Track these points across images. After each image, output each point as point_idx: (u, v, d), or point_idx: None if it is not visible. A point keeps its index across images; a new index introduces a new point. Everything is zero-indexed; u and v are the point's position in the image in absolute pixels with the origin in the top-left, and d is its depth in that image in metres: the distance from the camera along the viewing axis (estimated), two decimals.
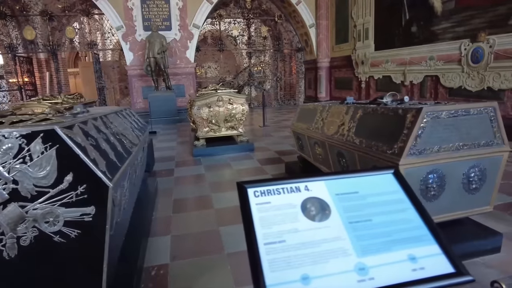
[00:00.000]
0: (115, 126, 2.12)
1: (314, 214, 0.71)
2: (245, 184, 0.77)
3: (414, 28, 6.69)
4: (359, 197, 0.75)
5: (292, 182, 0.76)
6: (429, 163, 1.78)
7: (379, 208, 0.73)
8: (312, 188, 0.75)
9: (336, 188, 0.75)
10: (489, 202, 1.99)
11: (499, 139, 1.90)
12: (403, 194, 0.78)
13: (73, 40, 10.10)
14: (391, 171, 0.82)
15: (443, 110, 1.76)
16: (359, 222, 0.69)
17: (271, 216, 0.70)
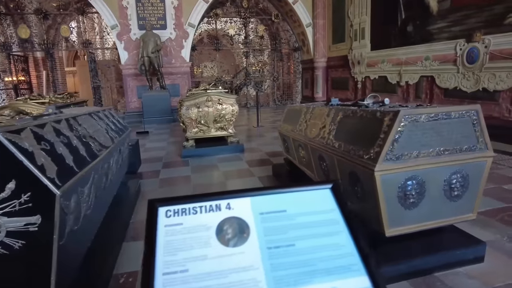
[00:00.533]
0: (84, 128, 2.04)
1: (230, 237, 0.62)
2: (157, 202, 0.68)
3: (410, 28, 6.59)
4: (286, 216, 0.66)
5: (213, 199, 0.68)
6: (408, 169, 1.69)
7: (307, 230, 0.64)
8: (235, 206, 0.67)
9: (262, 206, 0.67)
10: (472, 209, 1.90)
11: (482, 144, 1.81)
12: (338, 213, 0.69)
13: (67, 39, 10.00)
14: (329, 186, 0.73)
15: (422, 114, 1.67)
16: (280, 248, 0.61)
17: (179, 241, 0.61)
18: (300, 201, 0.69)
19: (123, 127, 3.03)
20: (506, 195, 2.93)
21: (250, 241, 0.61)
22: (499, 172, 3.56)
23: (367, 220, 1.90)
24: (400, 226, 1.77)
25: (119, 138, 2.64)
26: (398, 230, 1.77)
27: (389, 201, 1.70)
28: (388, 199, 1.70)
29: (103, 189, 2.11)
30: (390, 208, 1.72)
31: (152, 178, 3.90)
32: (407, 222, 1.78)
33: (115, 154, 2.46)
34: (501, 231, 2.28)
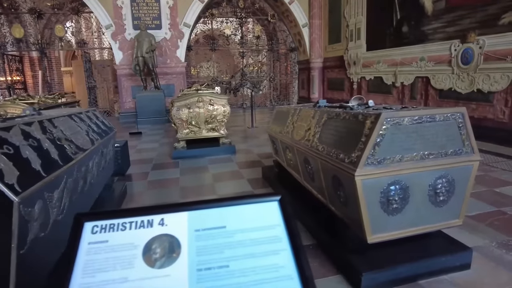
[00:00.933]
0: (60, 131, 1.97)
1: (157, 257, 0.57)
2: (83, 217, 0.62)
3: (405, 28, 6.54)
4: (224, 233, 0.60)
5: (145, 214, 0.62)
6: (390, 174, 1.63)
7: (245, 249, 0.59)
8: (170, 222, 0.61)
9: (200, 222, 0.61)
10: (458, 215, 1.84)
11: (469, 148, 1.76)
12: (282, 230, 0.63)
13: (62, 39, 9.94)
14: (277, 199, 0.67)
15: (405, 116, 1.61)
16: (211, 269, 0.55)
17: (101, 260, 0.55)
18: (243, 215, 0.63)
19: (107, 128, 2.96)
20: (498, 198, 2.87)
21: (179, 262, 0.55)
22: (492, 175, 3.51)
23: (350, 226, 1.85)
24: (383, 233, 1.71)
25: (101, 140, 2.57)
26: (381, 237, 1.71)
27: (371, 207, 1.65)
28: (370, 205, 1.64)
29: (81, 193, 2.05)
30: (372, 214, 1.66)
31: (140, 180, 3.84)
32: (390, 229, 1.72)
33: (96, 156, 2.40)
34: (490, 236, 2.22)
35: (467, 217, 2.51)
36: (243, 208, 0.64)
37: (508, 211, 2.61)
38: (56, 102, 5.41)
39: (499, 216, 2.53)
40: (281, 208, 0.65)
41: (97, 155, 2.44)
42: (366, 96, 8.14)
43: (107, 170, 2.89)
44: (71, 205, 1.84)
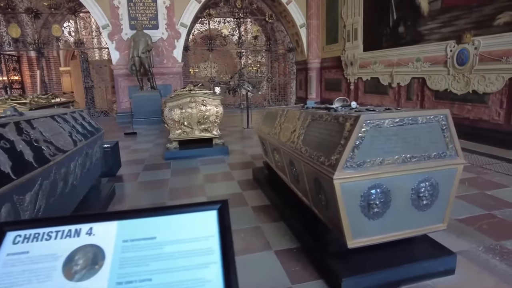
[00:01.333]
0: (39, 132, 1.94)
1: (78, 269, 0.53)
2: (6, 226, 0.59)
3: (401, 29, 6.50)
4: (153, 245, 0.57)
5: (74, 223, 0.59)
6: (371, 177, 1.60)
7: (172, 261, 0.55)
8: (98, 231, 0.58)
9: (130, 232, 0.58)
10: (442, 219, 1.80)
11: (452, 150, 1.72)
12: (216, 241, 0.60)
13: (59, 39, 9.92)
14: (216, 207, 0.64)
15: (385, 119, 1.58)
16: (132, 283, 0.52)
17: (17, 273, 0.52)
18: (177, 225, 0.60)
19: (93, 129, 2.93)
20: (488, 201, 2.83)
21: (100, 275, 0.52)
22: (485, 177, 3.47)
23: (332, 229, 1.81)
24: (363, 237, 1.68)
25: (85, 141, 2.54)
26: (362, 241, 1.68)
27: (351, 211, 1.61)
28: (350, 209, 1.61)
29: (61, 195, 2.02)
30: (352, 218, 1.62)
31: (131, 181, 3.81)
32: (372, 233, 1.68)
33: (79, 157, 2.36)
34: (478, 240, 2.18)
35: (456, 221, 2.48)
36: (178, 218, 0.60)
37: (498, 215, 2.57)
38: (49, 102, 5.39)
39: (488, 220, 2.49)
40: (219, 217, 0.61)
41: (81, 156, 2.41)
42: (362, 97, 8.11)
43: (93, 171, 2.86)
44: (48, 208, 1.81)
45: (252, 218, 2.67)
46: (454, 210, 2.62)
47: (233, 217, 2.19)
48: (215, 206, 0.63)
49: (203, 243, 0.58)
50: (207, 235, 0.59)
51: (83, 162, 2.51)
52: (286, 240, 2.29)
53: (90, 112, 10.51)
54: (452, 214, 2.55)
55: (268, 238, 2.33)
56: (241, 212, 2.80)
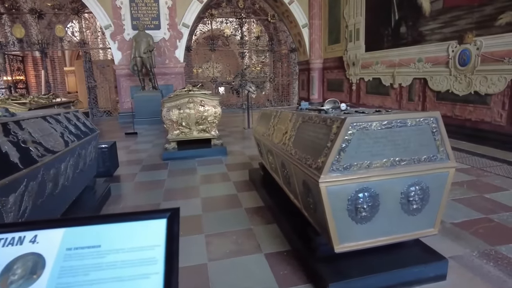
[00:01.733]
0: (27, 133, 1.94)
1: (15, 279, 0.52)
2: None
3: (403, 29, 6.44)
4: (96, 254, 0.55)
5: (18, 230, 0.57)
6: (358, 181, 1.57)
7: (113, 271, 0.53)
8: (42, 239, 0.56)
9: (74, 240, 0.56)
10: (433, 224, 1.76)
11: (443, 154, 1.68)
12: (161, 251, 0.58)
13: (62, 39, 9.99)
14: (166, 216, 0.61)
15: (372, 121, 1.55)
16: None
17: None
18: (124, 234, 0.58)
19: (88, 130, 2.93)
20: (486, 205, 2.78)
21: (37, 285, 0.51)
22: (484, 180, 3.41)
23: (320, 233, 1.78)
24: (351, 242, 1.65)
25: (78, 141, 2.54)
26: (349, 246, 1.65)
27: (338, 215, 1.58)
28: (337, 213, 1.58)
29: (50, 196, 2.02)
30: (340, 222, 1.59)
31: (127, 181, 3.81)
32: (360, 238, 1.65)
33: (70, 158, 2.36)
34: (472, 245, 2.14)
35: (452, 224, 2.43)
36: (127, 226, 0.59)
37: (495, 219, 2.52)
38: (49, 102, 5.42)
39: (485, 224, 2.44)
40: (168, 226, 0.59)
41: (73, 157, 2.41)
42: (364, 98, 8.05)
43: (87, 172, 2.86)
44: (35, 209, 1.81)
45: (245, 220, 2.65)
46: (450, 214, 2.58)
47: (225, 219, 2.18)
48: (165, 215, 0.61)
49: (147, 252, 0.56)
50: (153, 245, 0.57)
51: (76, 162, 2.50)
52: (277, 243, 2.26)
53: (93, 112, 10.57)
54: (448, 217, 2.52)
55: (259, 240, 2.31)
56: (234, 213, 2.79)
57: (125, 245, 0.56)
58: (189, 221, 2.68)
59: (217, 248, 2.22)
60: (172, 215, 0.61)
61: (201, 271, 1.96)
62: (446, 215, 2.54)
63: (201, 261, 2.07)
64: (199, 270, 1.98)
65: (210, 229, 2.51)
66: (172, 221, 0.60)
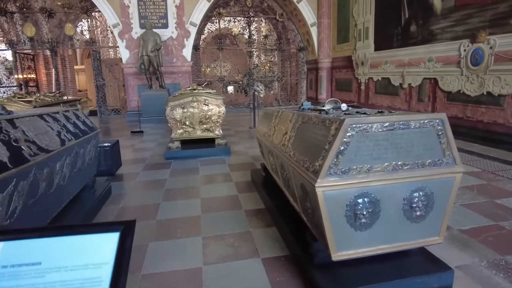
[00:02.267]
0: (20, 131, 1.91)
1: None
2: None
3: (413, 28, 6.27)
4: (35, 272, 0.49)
5: None
6: (357, 186, 1.48)
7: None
8: None
9: (13, 256, 0.50)
10: (438, 232, 1.67)
11: (450, 158, 1.58)
12: (108, 270, 0.51)
13: (72, 37, 10.08)
14: (119, 230, 0.55)
15: (373, 123, 1.46)
16: None
17: None
18: (70, 249, 0.52)
19: (88, 128, 2.90)
20: (497, 211, 2.65)
21: None
22: (495, 184, 3.27)
23: (318, 239, 1.70)
24: (349, 250, 1.56)
25: (76, 140, 2.51)
26: (347, 254, 1.56)
27: (336, 221, 1.50)
28: (334, 219, 1.50)
29: (43, 196, 1.98)
30: (337, 229, 1.51)
31: (128, 180, 3.78)
32: (359, 245, 1.57)
33: (67, 157, 2.33)
34: (481, 254, 2.02)
35: (459, 231, 2.32)
36: (73, 240, 0.52)
37: (506, 226, 2.39)
38: (55, 101, 5.44)
39: (495, 231, 2.32)
40: (120, 241, 0.53)
41: (69, 155, 2.38)
42: (373, 98, 7.90)
43: (86, 171, 2.83)
44: (26, 209, 1.77)
45: (244, 223, 2.58)
46: (458, 220, 2.47)
47: (224, 221, 2.11)
48: (118, 228, 0.55)
49: (92, 271, 0.50)
50: (100, 262, 0.51)
51: (73, 161, 2.47)
52: (275, 247, 2.19)
53: (101, 110, 10.65)
54: (456, 223, 2.41)
55: (257, 244, 2.24)
56: (234, 215, 2.72)
57: (69, 262, 0.50)
58: (187, 222, 2.62)
59: (213, 251, 2.16)
60: (126, 229, 0.54)
61: (195, 275, 1.90)
62: (453, 221, 2.43)
63: (196, 264, 2.02)
64: (193, 274, 1.92)
65: (208, 231, 2.45)
66: (125, 236, 0.54)
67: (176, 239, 2.35)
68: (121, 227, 0.55)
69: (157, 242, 2.32)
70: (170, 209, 2.91)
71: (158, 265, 2.02)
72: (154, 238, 2.38)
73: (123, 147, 5.44)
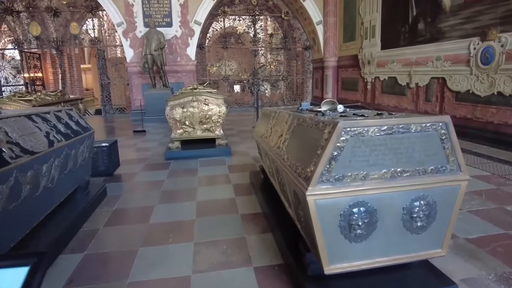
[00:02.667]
0: (3, 132, 1.83)
1: None
2: None
3: (421, 25, 6.09)
4: None
5: None
6: (352, 194, 1.37)
7: None
8: None
9: None
10: (441, 244, 1.54)
11: (454, 164, 1.46)
12: None
13: (77, 36, 10.10)
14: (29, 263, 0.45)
15: (370, 126, 1.35)
16: None
17: None
18: None
19: (81, 129, 2.83)
20: (507, 218, 2.50)
21: None
22: (506, 189, 3.11)
23: (311, 250, 1.59)
24: (343, 263, 1.45)
25: (66, 141, 2.43)
26: (342, 267, 1.45)
27: (329, 232, 1.39)
28: (327, 229, 1.39)
29: (28, 199, 1.91)
30: (331, 240, 1.40)
31: (126, 181, 3.72)
32: (354, 258, 1.46)
33: (56, 159, 2.26)
34: (489, 266, 1.89)
35: (466, 240, 2.19)
36: None
37: None
38: (56, 99, 5.41)
39: (505, 241, 2.18)
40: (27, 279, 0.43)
41: (58, 157, 2.31)
42: (380, 98, 7.73)
43: (78, 172, 2.76)
44: (7, 214, 1.70)
45: (239, 228, 2.48)
46: (465, 228, 2.33)
47: (219, 226, 2.01)
48: (27, 261, 0.45)
49: None
50: None
51: (63, 163, 2.40)
52: (270, 255, 2.09)
53: (106, 109, 10.65)
54: (462, 232, 2.27)
55: (251, 252, 2.14)
56: (229, 220, 2.62)
57: None
58: (181, 226, 2.53)
59: (204, 259, 2.07)
60: (38, 263, 0.45)
61: (183, 284, 1.81)
62: (459, 229, 2.29)
63: (185, 273, 1.92)
64: (182, 282, 1.83)
65: (201, 236, 2.36)
66: (34, 271, 0.44)
67: (167, 245, 2.27)
68: (33, 260, 0.45)
69: (147, 247, 2.24)
70: (165, 212, 2.82)
71: (146, 273, 1.93)
72: (144, 243, 2.30)
73: (124, 147, 5.40)
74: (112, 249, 2.25)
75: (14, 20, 9.77)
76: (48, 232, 2.21)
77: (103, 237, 2.42)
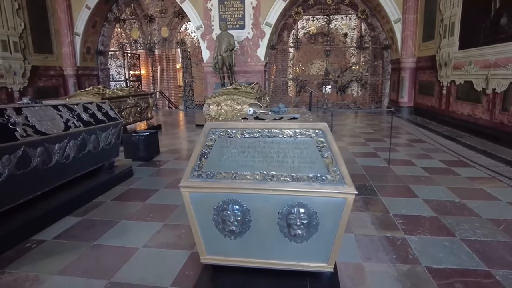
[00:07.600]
0: (23, 117, 2.44)
1: None
2: None
3: (504, 20, 5.13)
4: None
5: None
6: (223, 191, 1.46)
7: None
8: None
9: None
10: (326, 258, 1.48)
11: (336, 176, 1.39)
12: None
13: (166, 39, 11.55)
14: None
15: (236, 128, 1.41)
16: None
17: None
18: None
19: (107, 118, 3.42)
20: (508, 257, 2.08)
21: None
22: None
23: None
24: (219, 255, 1.54)
25: (84, 127, 3.01)
26: (217, 259, 1.55)
27: (204, 224, 1.51)
28: (202, 221, 1.51)
29: (39, 169, 2.48)
30: (205, 232, 1.52)
31: (154, 167, 4.26)
32: (230, 253, 1.53)
33: (71, 140, 2.82)
34: None
35: (425, 269, 1.93)
36: None
37: (498, 275, 1.87)
38: (126, 94, 6.37)
39: (475, 278, 1.85)
40: None
41: (75, 139, 2.88)
42: (454, 104, 6.79)
43: (101, 154, 3.34)
44: (16, 176, 2.27)
45: None
46: (435, 255, 2.05)
47: None
48: None
49: None
50: None
51: (80, 144, 2.98)
52: None
53: (186, 105, 11.91)
54: (429, 259, 2.01)
55: None
56: None
57: None
58: (165, 209, 2.86)
59: (160, 238, 2.34)
60: None
61: (127, 253, 2.12)
62: (427, 255, 2.03)
63: (136, 245, 2.23)
64: (127, 251, 2.14)
65: (173, 219, 2.64)
66: None
67: (143, 221, 2.62)
68: None
69: (127, 221, 2.64)
70: (162, 196, 3.20)
71: (110, 239, 2.31)
72: (128, 217, 2.70)
73: (178, 138, 6.10)
74: (102, 218, 2.71)
75: (120, 27, 11.75)
76: (61, 197, 2.80)
77: (104, 208, 2.92)
